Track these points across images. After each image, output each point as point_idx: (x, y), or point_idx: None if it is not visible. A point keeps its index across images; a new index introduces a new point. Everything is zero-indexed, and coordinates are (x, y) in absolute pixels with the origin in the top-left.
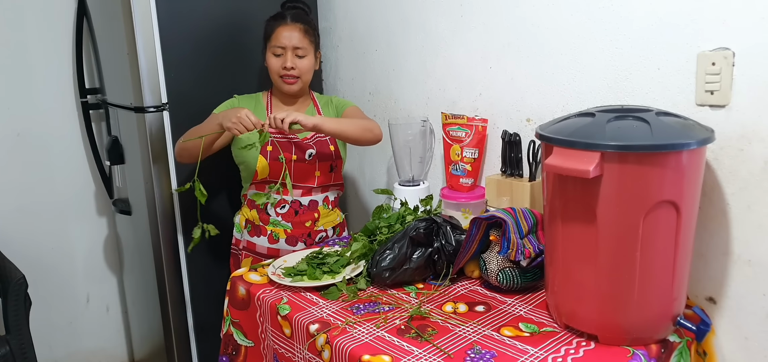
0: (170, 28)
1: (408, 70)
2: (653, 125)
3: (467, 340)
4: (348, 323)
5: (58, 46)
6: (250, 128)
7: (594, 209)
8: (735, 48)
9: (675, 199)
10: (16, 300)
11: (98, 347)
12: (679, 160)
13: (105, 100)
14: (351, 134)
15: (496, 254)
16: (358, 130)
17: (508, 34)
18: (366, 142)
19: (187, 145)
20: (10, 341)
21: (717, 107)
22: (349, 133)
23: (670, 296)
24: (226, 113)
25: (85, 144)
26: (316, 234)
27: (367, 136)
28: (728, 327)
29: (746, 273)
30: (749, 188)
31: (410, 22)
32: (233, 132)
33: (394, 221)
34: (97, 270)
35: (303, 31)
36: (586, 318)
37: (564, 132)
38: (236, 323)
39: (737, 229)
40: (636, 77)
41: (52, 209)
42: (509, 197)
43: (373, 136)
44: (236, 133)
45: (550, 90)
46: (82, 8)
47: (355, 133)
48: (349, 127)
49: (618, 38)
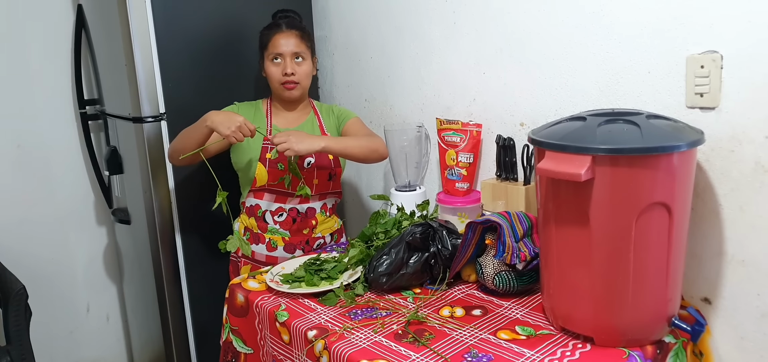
0: (167, 39)
1: (403, 76)
2: (644, 128)
3: (464, 344)
4: (346, 329)
5: (57, 58)
6: (248, 136)
7: (587, 212)
8: (723, 51)
9: (667, 201)
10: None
11: (99, 356)
12: (670, 162)
13: (103, 111)
14: (357, 154)
15: (492, 258)
16: (365, 151)
17: (501, 40)
18: (371, 161)
19: (177, 146)
20: (11, 352)
21: (707, 109)
22: (355, 154)
23: (664, 297)
24: (221, 119)
25: (84, 154)
26: (314, 242)
27: (373, 156)
28: (724, 327)
29: (740, 273)
30: (741, 189)
31: (404, 29)
32: (231, 140)
33: (391, 226)
34: (98, 279)
35: (299, 36)
36: (581, 320)
37: (556, 136)
38: (235, 330)
39: (730, 230)
40: (626, 81)
41: (52, 220)
42: (504, 201)
43: (378, 156)
44: (234, 141)
45: (542, 94)
46: (81, 21)
47: (362, 154)
48: (356, 148)
49: (608, 43)
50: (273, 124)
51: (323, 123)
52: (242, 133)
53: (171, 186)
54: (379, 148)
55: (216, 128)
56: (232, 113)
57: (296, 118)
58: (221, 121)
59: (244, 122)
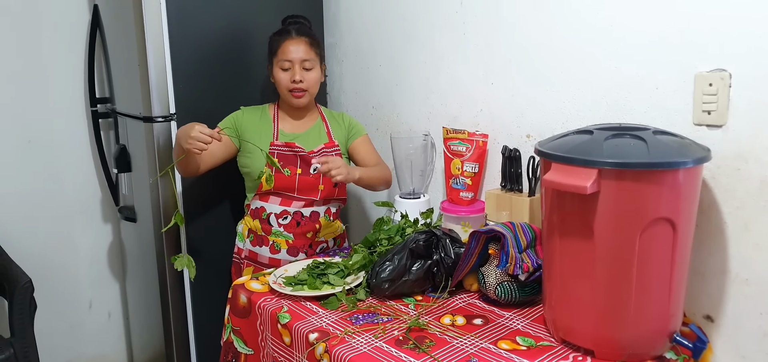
0: (180, 41)
1: (411, 85)
2: (650, 143)
3: (465, 353)
4: (347, 333)
5: (71, 56)
6: (208, 142)
7: (591, 225)
8: (732, 69)
9: (671, 217)
10: (21, 303)
11: (99, 353)
12: (675, 178)
13: (114, 110)
14: (377, 186)
15: (494, 268)
16: (383, 184)
17: (510, 51)
18: (382, 190)
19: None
20: (14, 344)
21: (714, 127)
22: (376, 186)
23: (666, 313)
24: (180, 134)
25: (94, 151)
26: (317, 245)
27: (385, 187)
28: (726, 345)
29: (744, 291)
30: (746, 207)
31: (414, 38)
32: (194, 153)
33: (395, 233)
34: (101, 276)
35: (309, 43)
36: (582, 333)
37: (562, 148)
38: (237, 330)
39: (735, 248)
40: (634, 96)
41: (59, 214)
42: (508, 211)
43: (387, 187)
44: (197, 152)
45: (550, 107)
46: (96, 21)
47: (380, 185)
48: (376, 179)
49: (617, 58)
50: (280, 128)
51: (331, 130)
52: (200, 141)
53: (178, 186)
54: (389, 178)
55: (182, 145)
56: (189, 125)
57: (303, 124)
58: (180, 136)
59: (200, 131)
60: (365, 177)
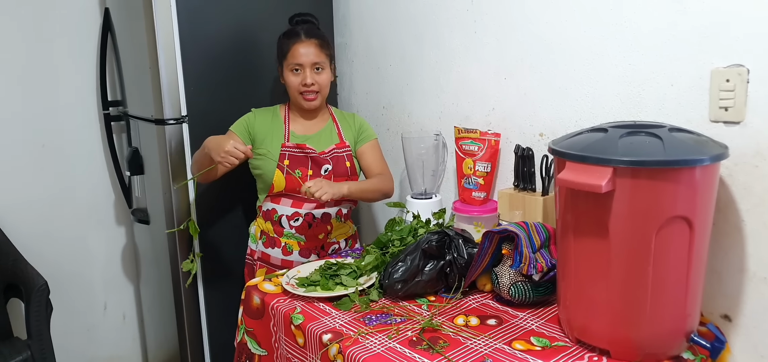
0: (191, 44)
1: (422, 84)
2: (666, 141)
3: (479, 353)
4: (360, 334)
5: (82, 60)
6: (241, 159)
7: (606, 224)
8: (749, 65)
9: (688, 215)
10: (38, 305)
11: (114, 354)
12: (692, 176)
13: (126, 112)
14: (370, 199)
15: (508, 268)
16: (376, 195)
17: (522, 49)
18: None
19: (194, 167)
20: (31, 346)
21: (731, 123)
22: (369, 198)
23: (683, 312)
24: (212, 146)
25: (106, 154)
26: (329, 247)
27: (381, 198)
28: (744, 345)
29: (762, 291)
30: (765, 205)
31: (424, 37)
32: (223, 165)
33: (407, 234)
34: (115, 278)
35: (319, 45)
36: (597, 333)
37: (577, 147)
38: (250, 332)
39: (753, 246)
40: (649, 93)
41: (74, 217)
42: (522, 211)
43: (384, 198)
44: (227, 166)
45: (563, 105)
46: (107, 24)
47: (374, 198)
48: (370, 192)
49: (631, 54)
50: (291, 130)
51: (342, 131)
52: (233, 156)
53: (190, 188)
54: (388, 191)
55: (210, 154)
56: (223, 138)
57: (314, 125)
58: (212, 148)
59: (234, 146)
60: (355, 190)
